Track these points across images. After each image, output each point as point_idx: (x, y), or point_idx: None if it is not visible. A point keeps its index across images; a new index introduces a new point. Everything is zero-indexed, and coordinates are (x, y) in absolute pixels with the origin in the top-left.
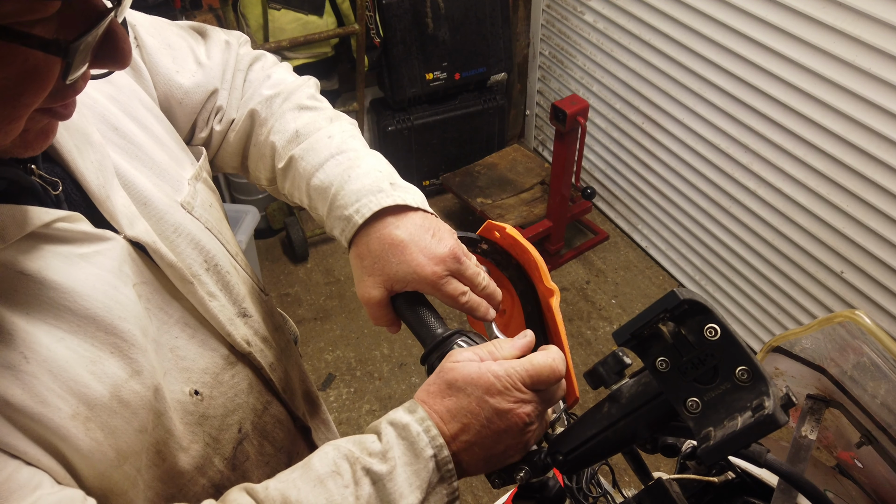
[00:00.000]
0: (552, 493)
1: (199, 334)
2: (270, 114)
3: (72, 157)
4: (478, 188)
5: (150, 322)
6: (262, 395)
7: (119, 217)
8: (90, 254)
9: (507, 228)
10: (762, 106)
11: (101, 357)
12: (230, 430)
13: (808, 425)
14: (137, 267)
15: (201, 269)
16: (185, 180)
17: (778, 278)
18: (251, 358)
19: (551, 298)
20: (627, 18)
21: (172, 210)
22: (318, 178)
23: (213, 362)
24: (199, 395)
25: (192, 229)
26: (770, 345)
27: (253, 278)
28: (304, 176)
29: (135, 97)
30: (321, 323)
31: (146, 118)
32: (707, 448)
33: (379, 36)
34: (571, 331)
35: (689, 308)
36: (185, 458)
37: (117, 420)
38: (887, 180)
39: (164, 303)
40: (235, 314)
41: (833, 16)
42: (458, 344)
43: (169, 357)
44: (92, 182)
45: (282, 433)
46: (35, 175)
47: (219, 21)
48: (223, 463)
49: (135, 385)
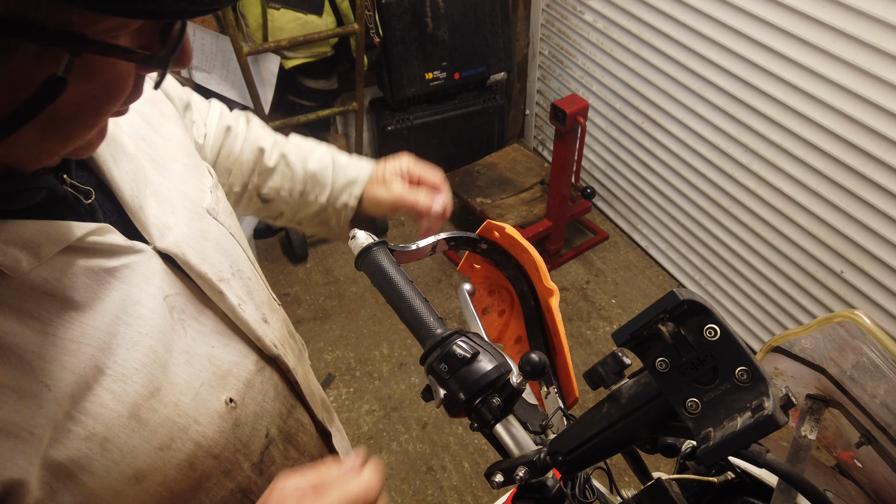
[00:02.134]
0: (551, 493)
1: (232, 342)
2: (241, 127)
3: (107, 166)
4: (477, 188)
5: (184, 334)
6: (288, 399)
7: (151, 228)
8: (118, 268)
9: (507, 228)
10: (762, 105)
11: (125, 375)
12: (259, 435)
13: (807, 425)
14: (169, 278)
15: (228, 272)
16: (208, 188)
17: (778, 278)
18: (279, 361)
19: (551, 298)
20: (627, 18)
21: (199, 216)
22: (313, 163)
23: (245, 368)
24: (233, 403)
25: (218, 234)
26: (770, 345)
27: (266, 286)
28: (297, 164)
29: (156, 107)
30: (321, 323)
31: (167, 127)
32: (706, 448)
33: (378, 35)
34: (571, 331)
35: (689, 308)
36: (215, 464)
37: (136, 439)
38: (887, 180)
39: (198, 312)
40: (260, 318)
41: (833, 15)
42: (457, 344)
43: (207, 367)
44: (126, 192)
45: (305, 437)
46: (67, 184)
47: (218, 21)
48: (251, 468)
49: (154, 403)
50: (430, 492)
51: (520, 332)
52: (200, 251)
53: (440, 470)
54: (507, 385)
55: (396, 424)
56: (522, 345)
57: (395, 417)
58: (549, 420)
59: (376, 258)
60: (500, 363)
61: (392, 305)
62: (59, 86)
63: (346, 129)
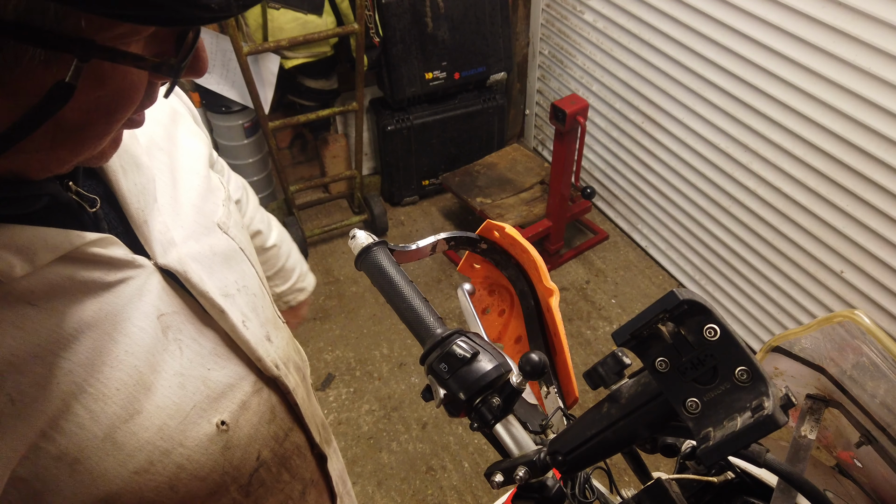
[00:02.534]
0: (552, 493)
1: (230, 363)
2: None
3: (116, 176)
4: (477, 188)
5: (179, 355)
6: (285, 421)
7: (154, 243)
8: (115, 282)
9: (507, 228)
10: (762, 105)
11: (105, 394)
12: (250, 458)
13: (807, 425)
14: (168, 297)
15: (234, 288)
16: (221, 201)
17: (778, 278)
18: (279, 382)
19: (550, 298)
20: (627, 18)
21: (210, 230)
22: (290, 262)
23: (241, 390)
24: (224, 426)
25: (227, 249)
26: (770, 345)
27: (273, 304)
28: (280, 258)
29: (177, 118)
30: (320, 323)
31: (186, 139)
32: (706, 448)
33: (378, 35)
34: (571, 331)
35: (689, 308)
36: (200, 486)
37: (109, 462)
38: (887, 180)
39: (197, 332)
40: (264, 337)
41: (833, 15)
42: (457, 344)
43: (200, 389)
44: (132, 204)
45: (300, 460)
46: (72, 192)
47: None
48: (238, 490)
49: (132, 426)
50: (430, 492)
51: (520, 332)
52: (207, 267)
53: (440, 470)
54: (507, 385)
55: (396, 424)
56: (522, 345)
57: (395, 417)
58: (549, 420)
59: (376, 258)
60: (500, 363)
61: (392, 305)
62: (66, 92)
63: (346, 129)
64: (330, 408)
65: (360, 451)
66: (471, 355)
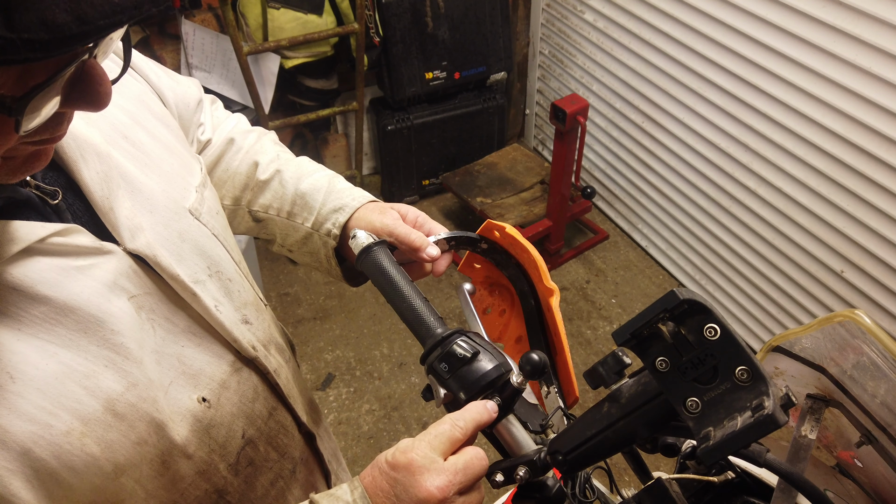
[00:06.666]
0: (552, 493)
1: (204, 342)
2: (248, 142)
3: (77, 166)
4: (477, 187)
5: (152, 333)
6: (268, 400)
7: (121, 229)
8: (86, 266)
9: (507, 228)
10: (762, 105)
11: (95, 371)
12: (235, 436)
13: (807, 425)
14: (139, 279)
15: (205, 274)
16: (194, 187)
17: (778, 278)
18: (257, 363)
19: (551, 298)
20: (627, 17)
21: (180, 216)
22: (306, 184)
23: (219, 369)
24: (206, 402)
25: (199, 235)
26: (770, 344)
27: (253, 287)
28: (291, 182)
29: (144, 106)
30: (321, 322)
31: (155, 126)
32: (707, 448)
33: (378, 35)
34: (571, 330)
35: (689, 308)
36: (189, 464)
37: (113, 434)
38: (887, 180)
39: (170, 312)
40: (239, 320)
41: (833, 15)
42: (457, 344)
43: (175, 366)
44: (96, 192)
45: (286, 439)
46: (31, 186)
47: (218, 20)
48: (227, 469)
49: (130, 398)
50: None
51: (520, 332)
52: (176, 252)
53: None
54: (507, 384)
55: (397, 424)
56: (523, 344)
57: (395, 417)
58: (550, 420)
59: (377, 258)
60: (500, 363)
61: (392, 305)
62: None
63: (346, 128)
64: (330, 407)
65: (361, 450)
66: (471, 355)
